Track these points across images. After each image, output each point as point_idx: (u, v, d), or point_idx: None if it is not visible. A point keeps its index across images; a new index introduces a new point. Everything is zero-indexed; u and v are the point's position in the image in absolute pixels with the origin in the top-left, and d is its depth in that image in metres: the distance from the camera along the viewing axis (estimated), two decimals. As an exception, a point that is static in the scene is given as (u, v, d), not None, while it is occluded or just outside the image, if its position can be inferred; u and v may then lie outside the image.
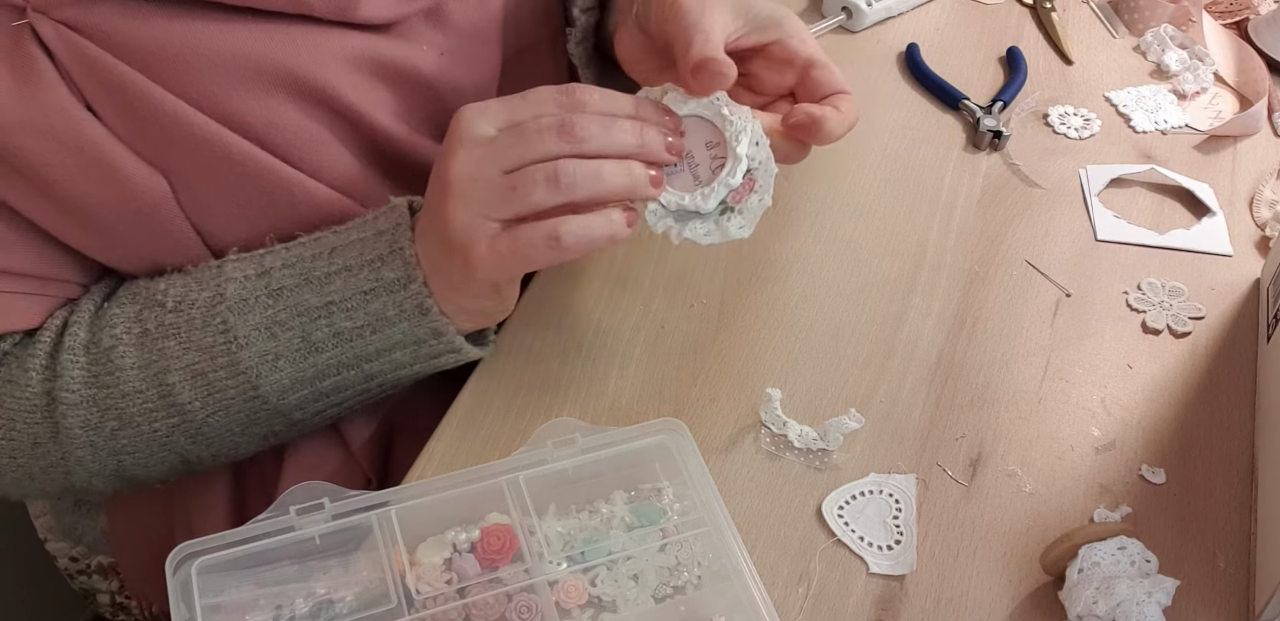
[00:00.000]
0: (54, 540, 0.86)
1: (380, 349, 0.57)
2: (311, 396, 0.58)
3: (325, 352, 0.56)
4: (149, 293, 0.58)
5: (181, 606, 0.48)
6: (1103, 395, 0.66)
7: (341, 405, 0.61)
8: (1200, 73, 0.89)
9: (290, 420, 0.60)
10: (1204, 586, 0.57)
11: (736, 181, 0.55)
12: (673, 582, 0.54)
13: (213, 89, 0.55)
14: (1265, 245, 0.76)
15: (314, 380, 0.57)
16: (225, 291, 0.56)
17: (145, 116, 0.53)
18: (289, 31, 0.56)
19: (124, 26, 0.52)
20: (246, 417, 0.58)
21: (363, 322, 0.56)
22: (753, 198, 0.55)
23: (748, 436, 0.62)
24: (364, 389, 0.60)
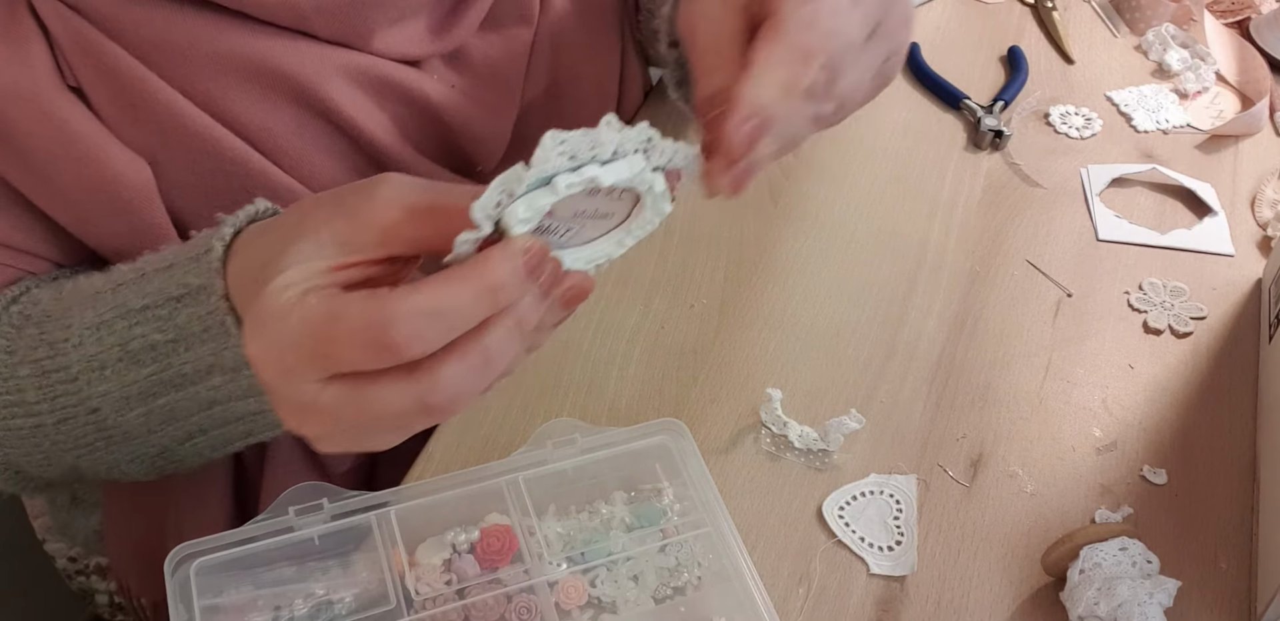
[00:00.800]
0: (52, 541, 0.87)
1: (196, 371, 0.48)
2: (153, 418, 0.51)
3: (145, 366, 0.49)
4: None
5: (180, 607, 0.48)
6: (1104, 395, 0.66)
7: (195, 435, 0.52)
8: (1202, 72, 0.89)
9: (152, 445, 0.53)
10: (1206, 587, 0.57)
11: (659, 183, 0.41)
12: (673, 583, 0.54)
13: (209, 85, 0.54)
14: (1267, 245, 0.76)
15: (145, 397, 0.50)
16: (78, 282, 0.53)
17: (138, 104, 0.53)
18: (293, 40, 0.55)
19: (126, 13, 0.52)
20: (96, 431, 0.52)
21: (174, 336, 0.48)
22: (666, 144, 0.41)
23: (748, 437, 0.62)
24: (206, 418, 0.51)
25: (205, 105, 0.54)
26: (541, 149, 0.36)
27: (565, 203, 0.38)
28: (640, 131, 0.39)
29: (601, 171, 0.38)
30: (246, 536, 0.50)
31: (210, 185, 0.56)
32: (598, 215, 0.41)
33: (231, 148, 0.55)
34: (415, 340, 0.35)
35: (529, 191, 0.37)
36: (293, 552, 0.51)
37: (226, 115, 0.55)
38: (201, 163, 0.55)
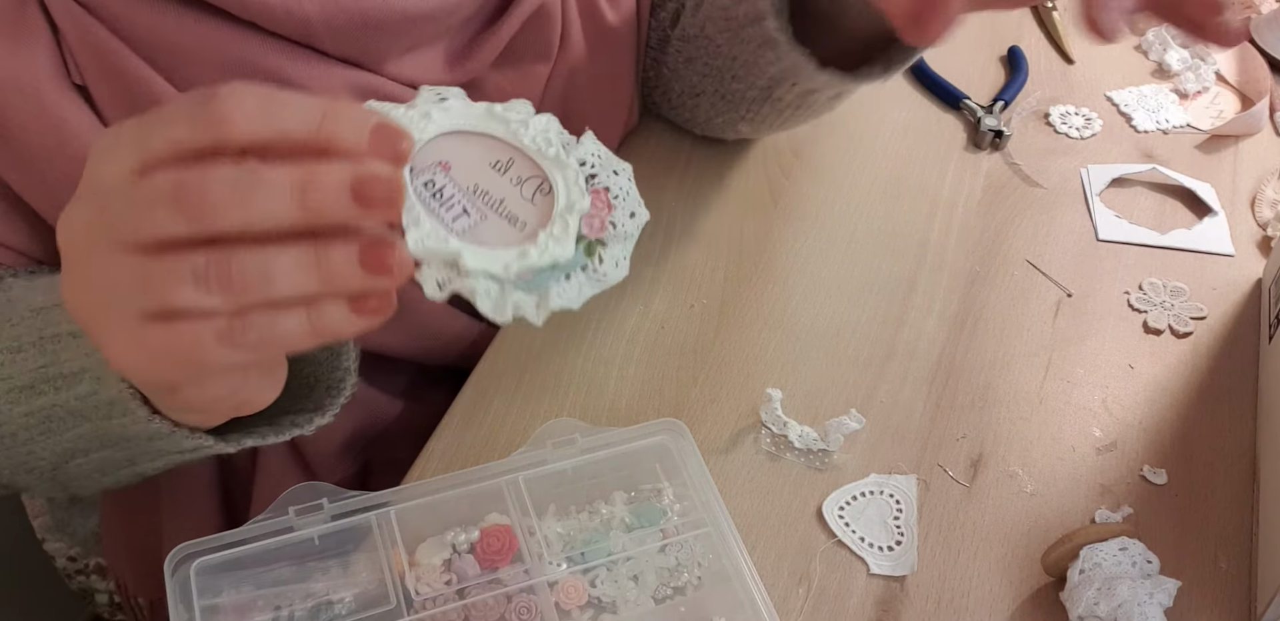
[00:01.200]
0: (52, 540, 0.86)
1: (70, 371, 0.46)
2: (33, 420, 0.48)
3: (45, 355, 0.47)
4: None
5: (180, 607, 0.48)
6: (1104, 395, 0.66)
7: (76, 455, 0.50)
8: (1202, 72, 0.89)
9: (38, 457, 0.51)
10: (1206, 587, 0.57)
11: (583, 201, 0.36)
12: (673, 583, 0.54)
13: (202, 82, 0.53)
14: (1267, 245, 0.76)
15: (30, 393, 0.48)
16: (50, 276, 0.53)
17: (141, 105, 0.52)
18: (303, 54, 0.55)
19: (137, 14, 0.51)
20: None
21: (76, 328, 0.46)
22: (618, 214, 0.36)
23: (748, 437, 0.62)
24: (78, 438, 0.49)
25: None
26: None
27: (465, 157, 0.34)
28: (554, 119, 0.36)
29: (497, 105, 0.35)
30: (246, 536, 0.50)
31: None
32: (503, 212, 0.35)
33: None
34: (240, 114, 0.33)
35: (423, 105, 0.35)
36: (293, 552, 0.51)
37: None
38: None
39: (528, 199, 0.35)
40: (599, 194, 0.36)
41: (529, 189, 0.35)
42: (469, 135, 0.35)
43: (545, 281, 0.35)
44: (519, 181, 0.35)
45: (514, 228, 0.35)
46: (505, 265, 0.34)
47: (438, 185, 0.34)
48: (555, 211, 0.35)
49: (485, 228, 0.35)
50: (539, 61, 0.65)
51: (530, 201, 0.35)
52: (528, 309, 0.36)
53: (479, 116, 0.35)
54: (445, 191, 0.35)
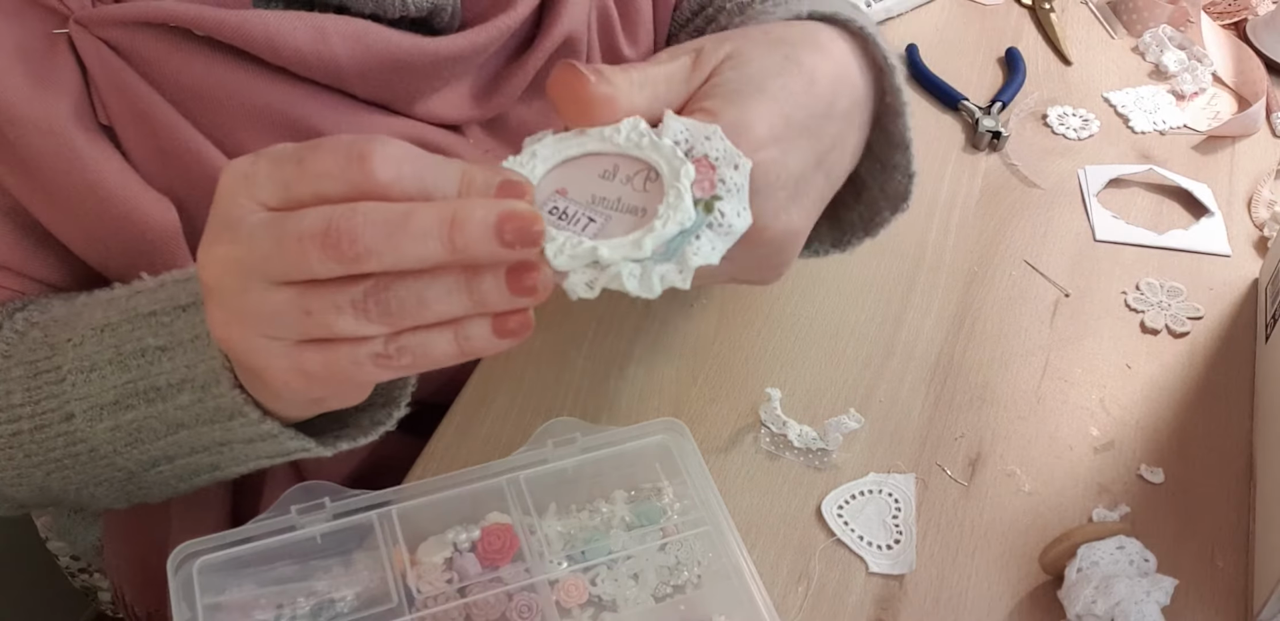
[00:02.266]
0: (55, 539, 0.87)
1: (169, 383, 0.47)
2: (120, 434, 0.50)
3: (129, 371, 0.48)
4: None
5: (183, 605, 0.48)
6: (1101, 395, 0.66)
7: (160, 462, 0.51)
8: (1199, 73, 0.89)
9: (118, 468, 0.52)
10: (1202, 585, 0.57)
11: (687, 167, 0.38)
12: (673, 582, 0.54)
13: (242, 135, 0.54)
14: (1263, 245, 0.76)
15: (116, 409, 0.49)
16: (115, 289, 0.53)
17: (168, 149, 0.52)
18: (331, 98, 0.55)
19: (167, 58, 0.51)
20: (65, 444, 0.51)
21: (165, 342, 0.47)
22: (722, 170, 0.38)
23: (748, 436, 0.62)
24: (171, 444, 0.50)
25: (235, 154, 0.53)
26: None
27: (576, 179, 0.38)
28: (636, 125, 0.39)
29: (589, 130, 0.38)
30: (249, 535, 0.50)
31: None
32: (623, 207, 0.38)
33: None
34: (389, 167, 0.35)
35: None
36: (295, 551, 0.52)
37: None
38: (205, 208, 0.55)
39: (640, 190, 0.38)
40: (699, 160, 0.38)
41: (639, 181, 0.38)
42: (572, 160, 0.38)
43: (679, 247, 0.37)
44: (628, 179, 0.38)
45: (637, 216, 0.38)
46: (638, 244, 0.37)
47: (560, 209, 0.38)
48: (664, 183, 0.38)
49: (612, 225, 0.38)
50: None
51: (644, 191, 0.38)
52: (672, 276, 0.38)
53: (573, 141, 0.38)
54: (569, 211, 0.38)
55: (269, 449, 0.48)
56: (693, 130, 0.38)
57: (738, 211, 0.38)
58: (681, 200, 0.37)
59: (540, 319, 0.68)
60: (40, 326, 0.52)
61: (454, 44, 0.56)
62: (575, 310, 0.69)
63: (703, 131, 0.38)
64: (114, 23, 0.50)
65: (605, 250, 0.36)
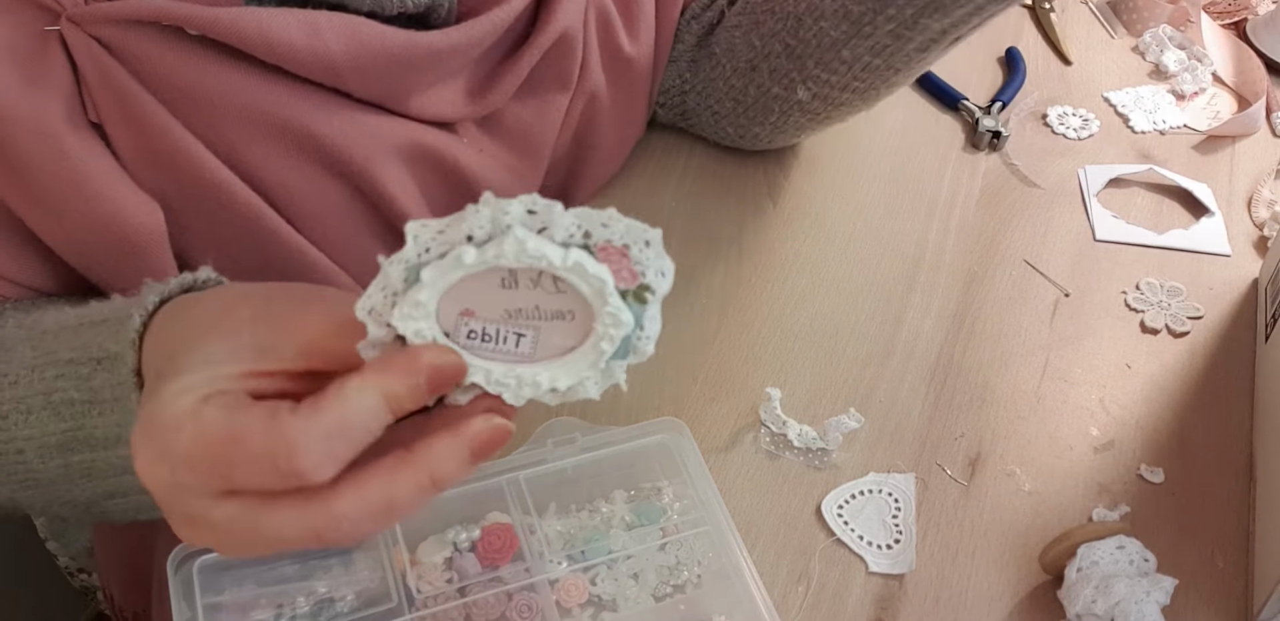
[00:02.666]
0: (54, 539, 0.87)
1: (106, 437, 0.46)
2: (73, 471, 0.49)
3: (64, 421, 0.47)
4: None
5: (183, 605, 0.48)
6: (1101, 394, 0.66)
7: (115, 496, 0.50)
8: (1199, 73, 0.89)
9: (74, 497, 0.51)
10: (1202, 585, 0.57)
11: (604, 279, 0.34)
12: (673, 581, 0.54)
13: (233, 136, 0.53)
14: (1263, 245, 0.76)
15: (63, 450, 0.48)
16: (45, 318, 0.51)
17: (158, 149, 0.52)
18: (325, 98, 0.55)
19: (160, 56, 0.51)
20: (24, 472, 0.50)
21: (89, 397, 0.46)
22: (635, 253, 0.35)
23: (748, 436, 0.62)
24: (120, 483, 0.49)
25: (226, 155, 0.53)
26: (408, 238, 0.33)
27: (477, 296, 0.34)
28: (520, 202, 0.33)
29: (466, 249, 0.33)
30: (249, 535, 0.50)
31: (221, 235, 0.55)
32: (545, 315, 0.35)
33: (246, 202, 0.54)
34: (321, 466, 0.33)
35: (408, 289, 0.34)
36: (295, 551, 0.52)
37: (246, 168, 0.54)
38: (215, 212, 0.54)
39: (554, 292, 0.35)
40: (607, 250, 0.35)
41: (547, 283, 0.35)
42: (461, 283, 0.34)
43: (628, 345, 0.36)
44: (534, 283, 0.35)
45: (567, 321, 0.35)
46: (593, 364, 0.35)
47: (478, 331, 0.35)
48: (589, 300, 0.34)
49: (545, 336, 0.35)
50: (559, 91, 0.64)
51: (559, 292, 0.35)
52: (628, 362, 0.36)
53: (451, 267, 0.34)
54: (487, 331, 0.35)
55: None
56: (585, 220, 0.34)
57: (662, 276, 0.35)
58: (617, 318, 0.34)
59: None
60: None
61: (449, 38, 0.56)
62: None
63: (598, 219, 0.34)
64: (106, 20, 0.49)
65: (562, 380, 0.35)
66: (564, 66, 0.64)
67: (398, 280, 0.34)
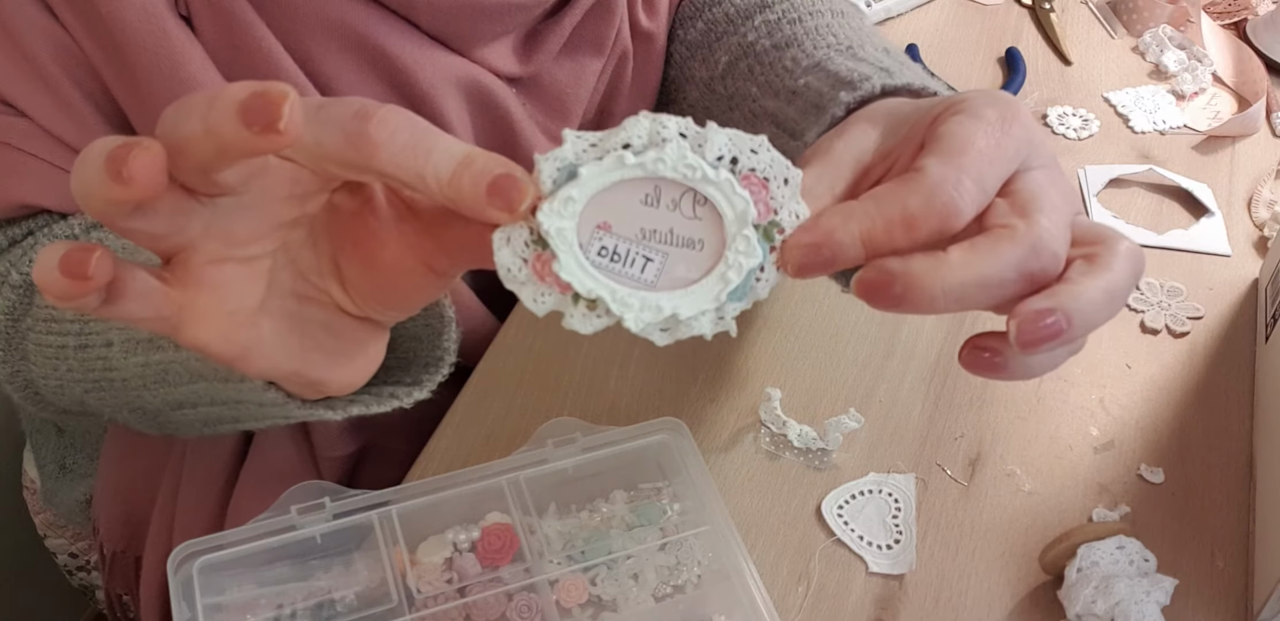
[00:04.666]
0: (53, 537, 0.87)
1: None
2: (149, 372, 0.49)
3: None
4: None
5: (183, 605, 0.48)
6: (1101, 395, 0.66)
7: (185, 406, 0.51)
8: (1199, 73, 0.89)
9: (146, 402, 0.52)
10: (1202, 585, 0.57)
11: (746, 206, 0.35)
12: (673, 582, 0.54)
13: (310, 46, 0.55)
14: (1263, 245, 0.76)
15: (149, 347, 0.49)
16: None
17: (240, 46, 0.53)
18: (399, 25, 0.56)
19: None
20: (103, 369, 0.51)
21: None
22: (773, 187, 0.36)
23: (747, 436, 0.62)
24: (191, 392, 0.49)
25: (302, 63, 0.55)
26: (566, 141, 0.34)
27: (618, 209, 0.34)
28: (676, 121, 0.34)
29: (626, 152, 0.33)
30: (249, 535, 0.50)
31: None
32: (677, 241, 0.35)
33: None
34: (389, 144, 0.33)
35: (560, 186, 0.34)
36: (295, 551, 0.52)
37: (319, 77, 0.56)
38: None
39: (691, 216, 0.35)
40: (749, 179, 0.35)
41: (686, 207, 0.35)
42: (608, 190, 0.34)
43: (747, 285, 0.36)
44: (674, 205, 0.35)
45: (696, 250, 0.35)
46: (715, 296, 0.35)
47: (610, 248, 0.35)
48: (726, 226, 0.35)
49: (672, 264, 0.35)
50: (594, 55, 0.65)
51: (696, 218, 0.35)
52: (741, 309, 0.36)
53: (610, 167, 0.34)
54: (619, 249, 0.35)
55: (277, 413, 0.48)
56: (737, 142, 0.35)
57: (794, 216, 0.36)
58: (751, 246, 0.35)
59: (540, 319, 0.68)
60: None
61: None
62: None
63: (748, 143, 0.35)
64: None
65: (683, 309, 0.36)
66: (601, 30, 0.64)
67: (549, 177, 0.34)
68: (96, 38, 0.52)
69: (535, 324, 0.68)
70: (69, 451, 0.79)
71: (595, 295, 0.35)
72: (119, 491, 0.73)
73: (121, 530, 0.73)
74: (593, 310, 0.35)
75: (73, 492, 0.81)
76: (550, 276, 0.34)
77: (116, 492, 0.73)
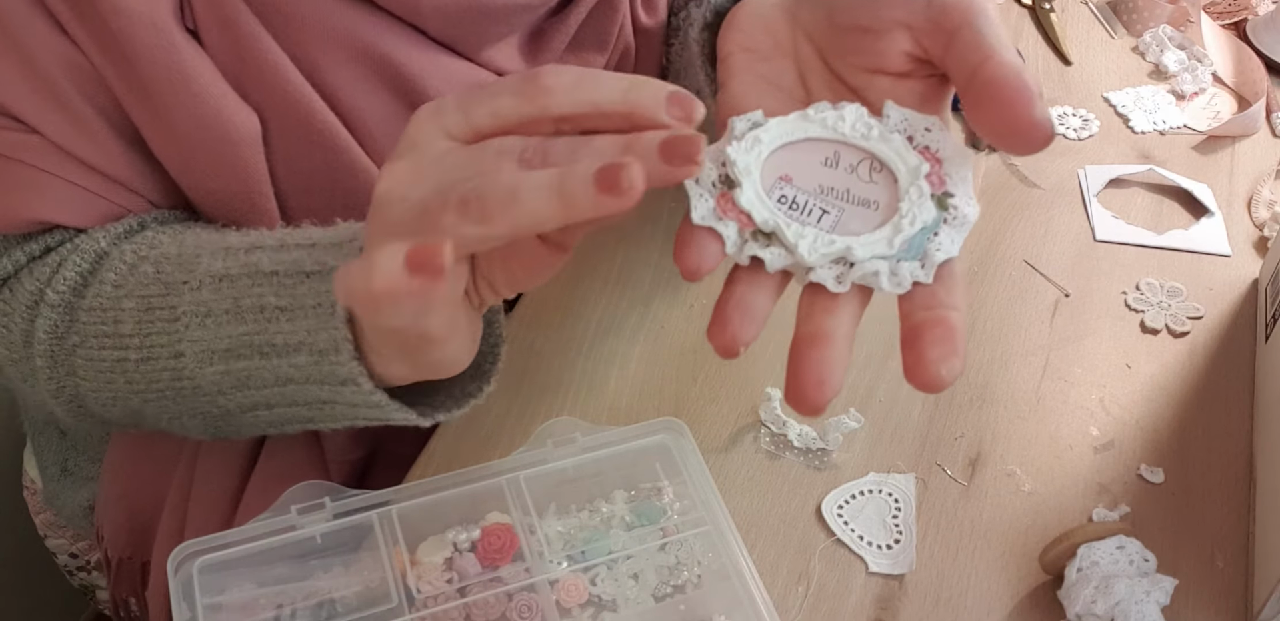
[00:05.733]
0: (53, 537, 0.87)
1: (287, 344, 0.48)
2: (228, 379, 0.51)
3: (246, 324, 0.49)
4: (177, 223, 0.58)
5: (183, 605, 0.48)
6: (1101, 395, 0.66)
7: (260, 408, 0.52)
8: (1199, 73, 0.89)
9: (218, 406, 0.53)
10: (1202, 585, 0.57)
11: (920, 164, 0.37)
12: (673, 582, 0.54)
13: (316, 57, 0.55)
14: (1263, 245, 0.76)
15: (228, 356, 0.50)
16: (198, 233, 0.55)
17: (246, 58, 0.54)
18: (406, 33, 0.57)
19: None
20: (171, 378, 0.52)
21: (286, 303, 0.48)
22: (946, 163, 0.38)
23: (747, 436, 0.62)
24: (276, 394, 0.51)
25: (309, 75, 0.55)
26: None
27: (799, 165, 0.37)
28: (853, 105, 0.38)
29: (807, 111, 0.38)
30: (249, 535, 0.50)
31: (295, 150, 0.57)
32: (853, 199, 0.38)
33: (323, 120, 0.56)
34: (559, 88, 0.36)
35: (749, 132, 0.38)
36: (295, 551, 0.52)
37: (326, 88, 0.56)
38: (292, 129, 0.56)
39: (867, 180, 0.38)
40: (925, 152, 0.38)
41: (864, 171, 0.38)
42: (793, 145, 0.38)
43: (921, 244, 0.37)
44: (852, 168, 0.38)
45: (870, 210, 0.37)
46: (889, 242, 0.37)
47: (789, 197, 0.37)
48: (900, 182, 0.37)
49: (848, 218, 0.37)
50: (598, 52, 0.65)
51: (871, 181, 0.38)
52: (917, 273, 0.37)
53: (794, 125, 0.38)
54: (798, 200, 0.37)
55: (370, 414, 0.49)
56: (912, 120, 0.38)
57: (969, 202, 0.38)
58: (924, 198, 0.37)
59: (540, 319, 0.68)
60: (151, 261, 0.53)
61: None
62: (575, 310, 0.69)
63: (922, 122, 0.38)
64: None
65: (858, 248, 0.37)
66: (605, 27, 0.65)
67: (741, 127, 0.38)
68: (107, 53, 0.53)
69: (535, 324, 0.68)
70: (71, 454, 0.79)
71: (772, 226, 0.36)
72: (124, 497, 0.73)
73: (127, 536, 0.73)
74: (770, 243, 0.37)
75: (75, 497, 0.81)
76: (732, 210, 0.36)
77: (122, 498, 0.73)
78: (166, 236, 0.55)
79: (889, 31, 0.40)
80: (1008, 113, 0.35)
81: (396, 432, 0.68)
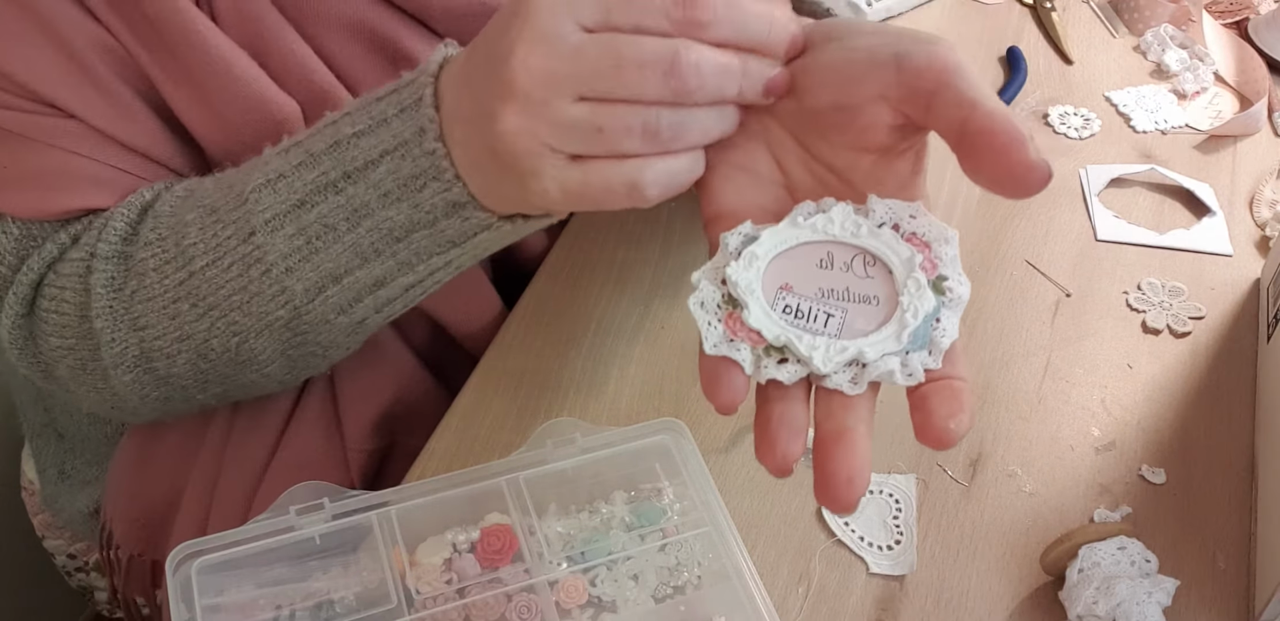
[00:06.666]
0: (51, 538, 0.87)
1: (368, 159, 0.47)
2: (300, 241, 0.49)
3: (321, 165, 0.48)
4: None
5: (182, 606, 0.48)
6: (1103, 395, 0.66)
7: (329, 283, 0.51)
8: (1200, 72, 0.89)
9: (283, 297, 0.51)
10: (1204, 586, 0.57)
11: (912, 255, 0.38)
12: (673, 582, 0.54)
13: (335, 48, 0.57)
14: (1265, 245, 0.76)
15: (300, 210, 0.49)
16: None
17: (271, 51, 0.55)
18: (418, 28, 0.58)
19: None
20: (240, 270, 0.51)
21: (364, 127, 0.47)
22: (935, 246, 0.39)
23: (748, 436, 0.62)
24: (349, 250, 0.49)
25: (324, 59, 0.57)
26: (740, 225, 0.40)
27: (795, 272, 0.38)
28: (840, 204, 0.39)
29: (796, 217, 0.39)
30: (248, 535, 0.50)
31: None
32: (853, 298, 0.38)
33: (336, 97, 0.57)
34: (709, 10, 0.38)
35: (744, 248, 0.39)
36: (294, 552, 0.52)
37: (345, 79, 0.57)
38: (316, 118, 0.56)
39: (863, 276, 0.39)
40: (913, 240, 0.39)
41: (859, 267, 0.39)
42: (786, 255, 0.39)
43: (926, 333, 0.38)
44: (847, 266, 0.39)
45: (872, 306, 0.38)
46: (896, 338, 0.37)
47: (793, 306, 0.38)
48: (896, 275, 0.38)
49: (852, 318, 0.38)
50: None
51: (867, 276, 0.39)
52: (927, 361, 0.38)
53: (786, 233, 0.39)
54: (802, 308, 0.38)
55: (452, 229, 0.47)
56: (895, 210, 0.39)
57: (960, 282, 0.38)
58: (922, 289, 0.38)
59: (540, 319, 0.68)
60: (205, 182, 0.54)
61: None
62: (575, 310, 0.69)
63: (906, 210, 0.39)
64: None
65: (869, 350, 0.37)
66: None
67: (734, 245, 0.39)
68: (139, 36, 0.53)
69: (535, 324, 0.68)
70: (69, 457, 0.79)
71: (784, 340, 0.37)
72: (137, 495, 0.73)
73: (139, 533, 0.73)
74: (783, 358, 0.38)
75: (74, 502, 0.80)
76: (742, 330, 0.38)
77: (134, 497, 0.73)
78: (210, 179, 0.56)
79: (867, 106, 0.39)
80: (1002, 160, 0.36)
81: (411, 426, 0.69)
